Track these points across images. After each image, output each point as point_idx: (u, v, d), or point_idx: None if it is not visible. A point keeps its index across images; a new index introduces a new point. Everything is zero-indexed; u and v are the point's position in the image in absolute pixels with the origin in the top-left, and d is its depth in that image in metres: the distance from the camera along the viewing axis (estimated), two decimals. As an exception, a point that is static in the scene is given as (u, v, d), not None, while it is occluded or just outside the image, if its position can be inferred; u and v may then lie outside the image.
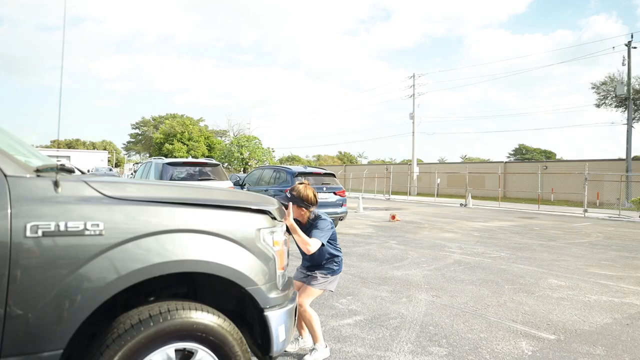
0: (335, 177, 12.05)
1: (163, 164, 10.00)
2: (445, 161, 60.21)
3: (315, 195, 3.50)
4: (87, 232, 1.91)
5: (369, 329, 4.20)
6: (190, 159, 11.06)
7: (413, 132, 37.53)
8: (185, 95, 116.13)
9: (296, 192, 3.46)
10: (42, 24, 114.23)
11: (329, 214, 10.93)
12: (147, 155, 62.53)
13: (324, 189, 11.11)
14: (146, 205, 2.10)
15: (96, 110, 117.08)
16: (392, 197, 28.87)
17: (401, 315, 4.61)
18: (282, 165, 13.37)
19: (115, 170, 41.13)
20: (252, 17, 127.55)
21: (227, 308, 2.66)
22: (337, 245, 3.67)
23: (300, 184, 3.54)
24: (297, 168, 11.98)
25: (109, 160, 62.79)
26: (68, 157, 52.46)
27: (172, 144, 54.23)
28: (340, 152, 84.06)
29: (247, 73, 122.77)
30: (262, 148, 47.13)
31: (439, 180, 30.37)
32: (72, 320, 1.87)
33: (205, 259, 2.15)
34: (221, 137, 62.94)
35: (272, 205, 2.64)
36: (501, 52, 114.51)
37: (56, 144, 76.66)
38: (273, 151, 48.94)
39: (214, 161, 10.79)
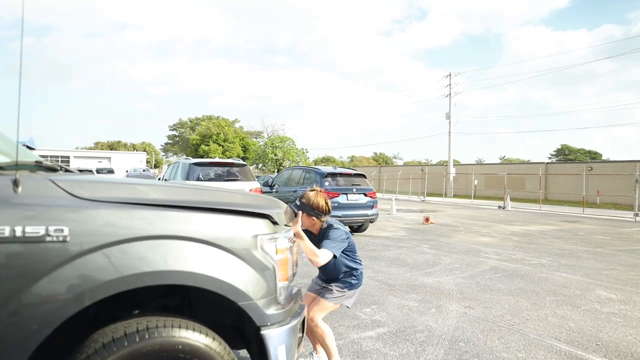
0: (365, 177, 11.67)
1: (189, 164, 9.92)
2: (483, 162, 58.53)
3: (327, 203, 3.18)
4: (48, 239, 1.66)
5: (392, 343, 3.84)
6: (216, 160, 10.95)
7: (449, 132, 36.52)
8: (221, 97, 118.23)
9: (306, 200, 3.15)
10: (86, 32, 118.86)
11: (359, 216, 10.59)
12: (184, 156, 63.77)
13: (354, 190, 10.76)
14: (122, 208, 1.84)
15: (136, 113, 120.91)
16: (427, 198, 28.12)
17: (429, 328, 4.22)
18: (311, 166, 13.12)
19: (152, 171, 42.06)
20: (286, 19, 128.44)
21: (225, 323, 2.39)
22: (356, 257, 3.33)
23: (312, 190, 3.23)
24: (326, 169, 11.68)
25: (147, 161, 64.47)
26: (109, 159, 54.21)
27: (208, 145, 55.13)
28: (375, 153, 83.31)
29: (282, 75, 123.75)
30: (296, 149, 47.14)
31: (476, 182, 29.36)
32: (30, 340, 1.63)
33: (189, 269, 1.86)
34: (256, 138, 63.54)
35: (275, 208, 2.34)
36: (542, 50, 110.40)
37: (99, 146, 79.53)
38: (307, 152, 48.86)
39: (240, 161, 10.64)
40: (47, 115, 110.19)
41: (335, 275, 3.24)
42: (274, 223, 2.27)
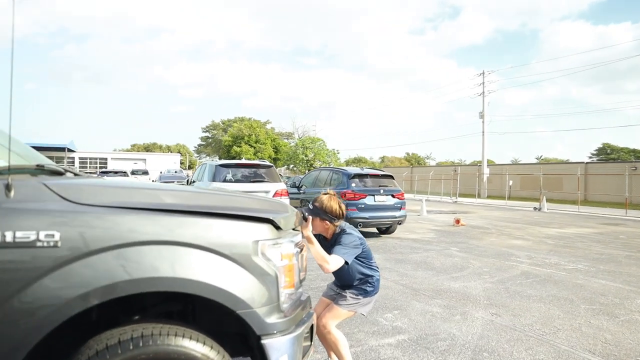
0: (393, 178, 11.46)
1: (216, 165, 9.99)
2: (519, 162, 56.87)
3: (341, 207, 3.07)
4: (39, 244, 1.63)
5: (412, 351, 3.69)
6: (242, 161, 10.99)
7: (483, 132, 35.63)
8: (254, 98, 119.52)
9: (319, 204, 3.05)
10: (123, 37, 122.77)
11: (386, 217, 10.41)
12: (217, 157, 64.86)
13: (381, 191, 10.57)
14: (117, 213, 1.79)
15: (171, 116, 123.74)
16: (460, 199, 27.50)
17: (452, 336, 4.04)
18: (338, 167, 13.00)
19: (186, 172, 42.97)
20: (317, 21, 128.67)
21: (229, 330, 2.32)
22: (372, 264, 3.21)
23: (325, 194, 3.13)
24: (353, 169, 11.53)
25: (181, 163, 65.92)
26: (144, 160, 55.72)
27: (240, 147, 55.87)
28: (407, 154, 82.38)
29: (313, 76, 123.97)
30: (327, 149, 47.11)
31: (511, 182, 28.53)
32: (19, 346, 1.60)
33: (182, 276, 1.80)
34: (287, 139, 63.95)
35: (280, 212, 2.25)
36: (581, 45, 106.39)
37: (136, 148, 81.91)
38: (338, 153, 48.74)
39: (267, 162, 10.64)
40: (87, 119, 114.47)
41: (349, 282, 3.12)
42: (278, 228, 2.18)
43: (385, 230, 11.20)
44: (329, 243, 3.08)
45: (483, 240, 10.52)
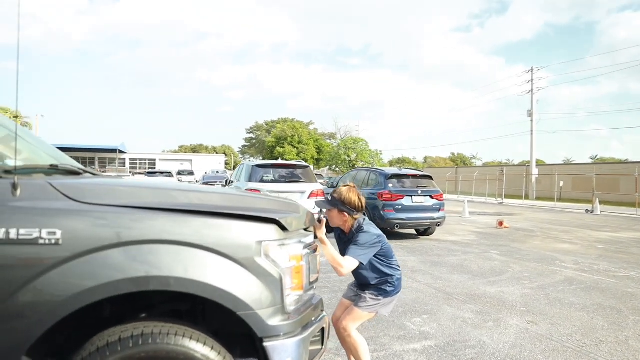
0: (432, 179, 11.19)
1: (252, 166, 10.10)
2: (572, 162, 54.24)
3: (361, 200, 2.97)
4: (41, 241, 1.67)
5: (437, 358, 3.55)
6: (279, 161, 11.06)
7: (531, 131, 34.24)
8: (297, 99, 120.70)
9: (337, 195, 2.97)
10: (171, 42, 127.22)
11: (424, 219, 10.18)
12: (261, 158, 65.90)
13: (419, 192, 10.34)
14: (119, 212, 1.82)
15: (217, 117, 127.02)
16: (506, 201, 26.52)
17: (482, 344, 3.86)
18: (376, 167, 12.85)
19: (230, 172, 43.93)
20: (360, 21, 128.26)
21: (237, 331, 2.31)
22: (392, 262, 3.08)
23: (345, 186, 3.05)
24: (391, 170, 11.35)
25: (226, 163, 67.44)
26: (190, 161, 57.44)
27: (283, 147, 56.48)
28: (452, 154, 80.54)
29: (356, 76, 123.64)
30: (369, 150, 46.78)
31: (561, 183, 27.24)
32: (21, 341, 1.65)
33: (182, 275, 1.79)
34: (329, 139, 64.05)
35: (288, 212, 2.21)
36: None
37: (183, 149, 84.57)
38: (380, 153, 48.30)
39: (303, 163, 10.65)
40: (138, 121, 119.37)
41: (367, 281, 3.03)
42: (284, 229, 2.14)
43: (424, 232, 10.95)
44: (346, 237, 3.01)
45: (526, 243, 10.06)
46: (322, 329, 2.37)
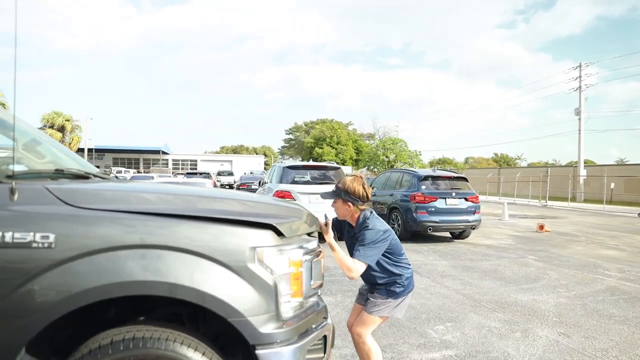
0: (467, 181, 10.87)
1: (284, 167, 10.14)
2: (626, 162, 51.39)
3: (365, 190, 2.84)
4: (34, 245, 1.70)
5: (456, 369, 3.41)
6: (310, 162, 11.06)
7: (579, 130, 32.67)
8: (337, 100, 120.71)
9: (341, 184, 2.87)
10: (214, 46, 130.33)
11: (458, 222, 9.92)
12: (300, 158, 66.32)
13: (453, 194, 10.07)
14: (112, 216, 1.84)
15: (257, 118, 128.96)
16: (550, 203, 25.42)
17: (506, 355, 3.68)
18: (409, 169, 12.62)
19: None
20: (400, 20, 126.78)
21: (239, 336, 2.29)
22: (401, 260, 2.93)
23: (351, 176, 2.97)
24: (424, 171, 11.11)
25: (266, 164, 68.33)
26: (230, 162, 58.60)
27: (322, 148, 56.63)
28: (495, 154, 78.19)
29: (397, 75, 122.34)
30: (408, 150, 46.10)
31: (612, 185, 25.85)
32: (13, 340, 1.69)
33: (172, 280, 1.79)
34: (368, 140, 63.66)
35: (287, 217, 2.17)
36: None
37: (224, 150, 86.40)
38: (420, 154, 47.48)
39: (334, 164, 10.59)
40: (181, 123, 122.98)
41: (375, 281, 2.91)
42: (282, 234, 2.10)
43: (459, 235, 10.65)
44: (353, 231, 2.92)
45: (567, 248, 9.57)
46: (324, 337, 2.32)
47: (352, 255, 2.76)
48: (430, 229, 9.79)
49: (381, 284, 2.90)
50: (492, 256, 8.44)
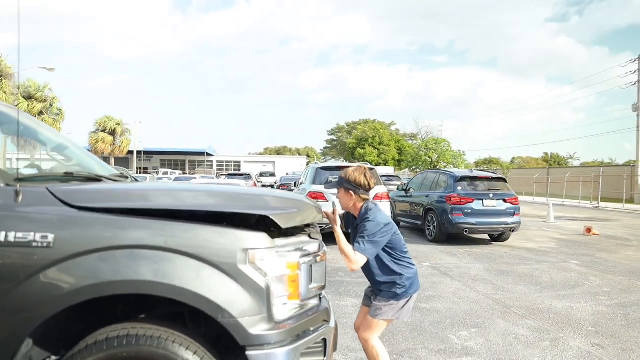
0: (506, 182, 10.49)
1: (317, 168, 10.16)
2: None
3: (367, 179, 2.80)
4: (34, 244, 1.80)
5: (474, 378, 3.29)
6: (343, 163, 11.02)
7: (638, 127, 30.77)
8: (381, 100, 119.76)
9: (344, 174, 2.86)
10: (257, 49, 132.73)
11: (496, 224, 9.59)
12: (342, 159, 66.30)
13: (491, 195, 9.73)
14: (109, 217, 1.92)
15: (301, 119, 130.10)
16: (603, 205, 24.06)
17: (530, 365, 3.51)
18: (445, 169, 12.32)
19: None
20: (444, 17, 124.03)
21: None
22: (404, 259, 2.83)
23: (354, 166, 2.94)
24: (461, 172, 10.83)
25: (308, 165, 68.87)
26: (273, 163, 59.44)
27: (364, 149, 56.37)
28: (545, 153, 75.09)
29: (442, 74, 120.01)
30: (452, 151, 45.08)
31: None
32: (13, 334, 1.79)
33: (163, 280, 1.84)
34: (411, 140, 62.77)
35: (283, 209, 2.18)
36: None
37: (268, 151, 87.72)
38: (463, 154, 46.32)
39: (368, 165, 10.50)
40: (226, 125, 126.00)
41: (375, 278, 2.85)
42: (277, 233, 2.12)
43: (497, 237, 10.28)
44: (356, 222, 2.88)
45: (615, 253, 9.02)
46: (324, 340, 2.30)
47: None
48: (466, 231, 9.51)
49: (381, 282, 2.83)
50: (530, 260, 8.09)
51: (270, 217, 2.03)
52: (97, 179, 2.59)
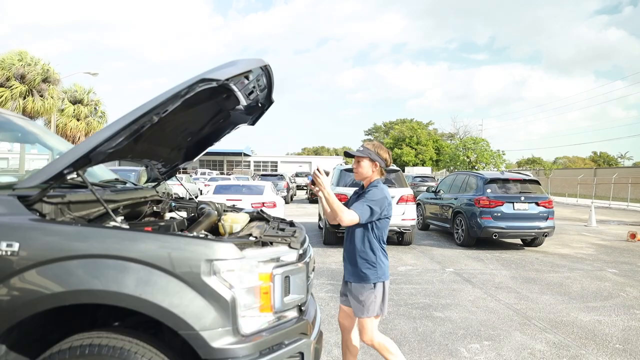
0: (539, 184, 10.02)
1: (341, 170, 10.07)
2: None
3: (390, 157, 2.95)
4: (1, 252, 1.82)
5: (477, 396, 3.10)
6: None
7: (694, 125, 28.79)
8: (419, 99, 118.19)
9: (371, 146, 2.93)
10: (296, 49, 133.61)
11: (528, 228, 9.18)
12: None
13: (522, 198, 9.31)
14: (75, 227, 1.93)
15: (340, 119, 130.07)
16: (655, 208, 22.64)
17: (541, 384, 3.28)
18: (475, 171, 11.94)
19: None
20: (484, 13, 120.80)
21: None
22: (384, 246, 2.89)
23: (377, 142, 3.02)
24: (491, 174, 10.43)
25: (346, 164, 68.72)
26: (309, 163, 59.65)
27: (401, 149, 55.60)
28: (594, 153, 71.68)
29: (483, 72, 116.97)
30: (490, 151, 43.72)
31: None
32: None
33: (125, 291, 1.84)
34: (449, 140, 61.41)
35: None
36: None
37: (305, 152, 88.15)
38: (503, 154, 44.83)
39: (394, 167, 10.28)
40: (264, 126, 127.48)
41: (353, 253, 2.85)
42: (245, 246, 2.06)
43: (530, 242, 9.82)
44: (362, 192, 2.95)
45: (659, 261, 8.42)
46: (301, 353, 2.23)
47: None
48: (495, 236, 9.15)
49: (354, 256, 2.84)
50: (562, 267, 7.67)
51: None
52: (83, 185, 2.61)
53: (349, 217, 2.69)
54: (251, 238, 2.23)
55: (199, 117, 2.95)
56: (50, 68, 24.11)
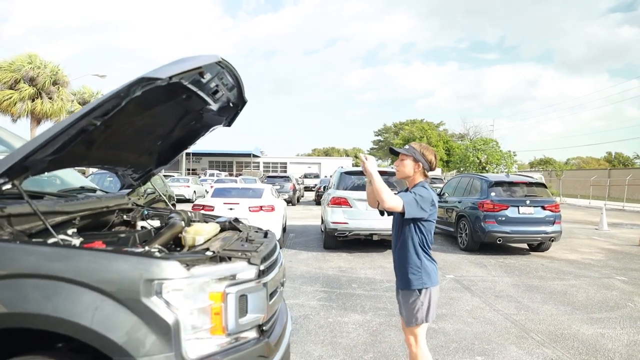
0: (546, 187, 9.74)
1: (342, 172, 9.87)
2: None
3: (436, 160, 2.85)
4: None
5: (462, 418, 2.90)
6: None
7: None
8: (428, 99, 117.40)
9: (417, 146, 2.85)
10: (304, 50, 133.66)
11: (533, 233, 8.92)
12: (389, 161, 65.32)
13: (527, 202, 9.04)
14: (8, 243, 1.80)
15: (348, 120, 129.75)
16: (670, 211, 22.08)
17: (532, 406, 3.07)
18: (479, 174, 11.62)
19: None
20: (494, 12, 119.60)
21: None
22: (430, 250, 2.80)
23: (423, 144, 2.94)
24: (496, 176, 10.17)
25: (356, 165, 68.45)
26: (319, 164, 59.50)
27: (411, 150, 55.11)
28: (609, 153, 70.36)
29: (493, 72, 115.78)
30: (501, 151, 43.11)
31: None
32: None
33: (54, 314, 1.71)
34: (459, 140, 60.79)
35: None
36: None
37: (315, 152, 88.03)
38: (514, 154, 44.15)
39: (395, 169, 10.07)
40: (274, 126, 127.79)
41: (401, 258, 2.79)
42: (194, 263, 1.91)
43: (537, 247, 9.53)
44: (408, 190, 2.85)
45: (671, 268, 8.09)
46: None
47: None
48: (499, 240, 8.88)
49: (399, 262, 2.81)
50: (569, 274, 7.39)
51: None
52: (39, 196, 2.47)
53: (393, 201, 2.58)
54: (207, 253, 2.06)
55: (163, 120, 2.80)
56: (59, 70, 24.26)
